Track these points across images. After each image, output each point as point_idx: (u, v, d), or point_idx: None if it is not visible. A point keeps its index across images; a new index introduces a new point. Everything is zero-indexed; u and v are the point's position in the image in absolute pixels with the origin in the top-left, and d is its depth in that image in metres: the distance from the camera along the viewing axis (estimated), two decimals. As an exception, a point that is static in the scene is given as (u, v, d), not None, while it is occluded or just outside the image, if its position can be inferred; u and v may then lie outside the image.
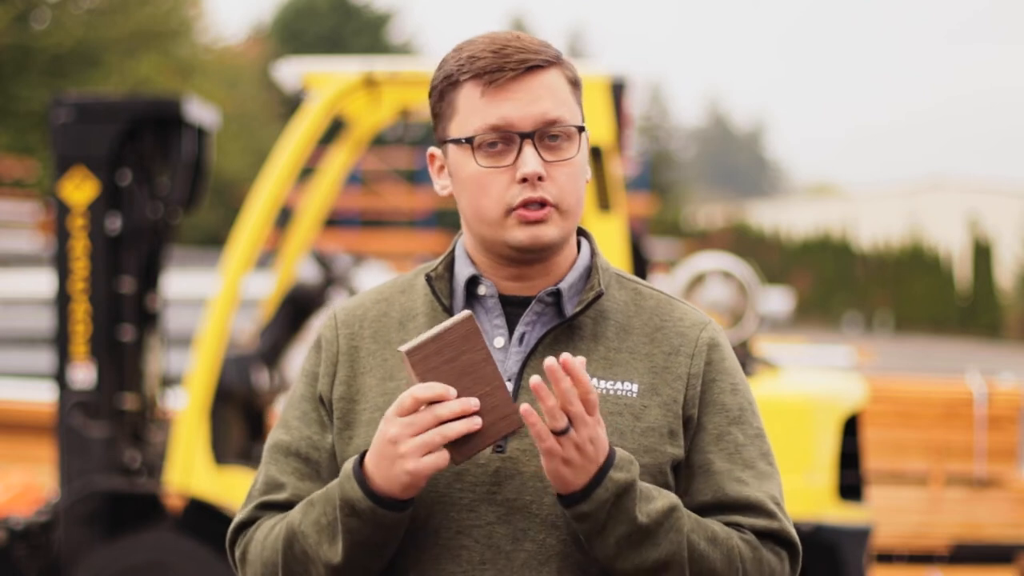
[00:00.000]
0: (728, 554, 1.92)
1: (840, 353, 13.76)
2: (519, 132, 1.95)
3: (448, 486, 1.94)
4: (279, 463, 2.04)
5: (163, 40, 26.90)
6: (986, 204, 41.53)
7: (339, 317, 2.09)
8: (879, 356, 18.54)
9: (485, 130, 1.95)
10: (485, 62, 1.95)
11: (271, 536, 1.99)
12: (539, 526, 1.93)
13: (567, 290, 2.02)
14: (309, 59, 6.33)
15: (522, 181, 1.94)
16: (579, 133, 1.99)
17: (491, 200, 1.96)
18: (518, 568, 1.93)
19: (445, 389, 1.84)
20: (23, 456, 7.39)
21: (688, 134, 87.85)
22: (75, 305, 5.50)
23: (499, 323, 2.01)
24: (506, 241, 1.97)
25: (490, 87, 1.94)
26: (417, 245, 18.70)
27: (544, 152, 1.96)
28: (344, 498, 1.89)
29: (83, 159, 5.49)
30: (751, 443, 2.01)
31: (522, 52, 1.95)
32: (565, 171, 1.97)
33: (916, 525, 6.67)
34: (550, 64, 1.97)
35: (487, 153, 1.96)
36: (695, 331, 2.03)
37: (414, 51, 45.10)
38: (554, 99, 1.96)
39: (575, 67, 2.04)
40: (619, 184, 5.60)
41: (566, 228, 1.98)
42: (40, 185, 21.72)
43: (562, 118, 1.97)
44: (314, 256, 6.30)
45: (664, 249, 25.55)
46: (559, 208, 1.96)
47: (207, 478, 5.25)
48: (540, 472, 1.93)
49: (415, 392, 1.84)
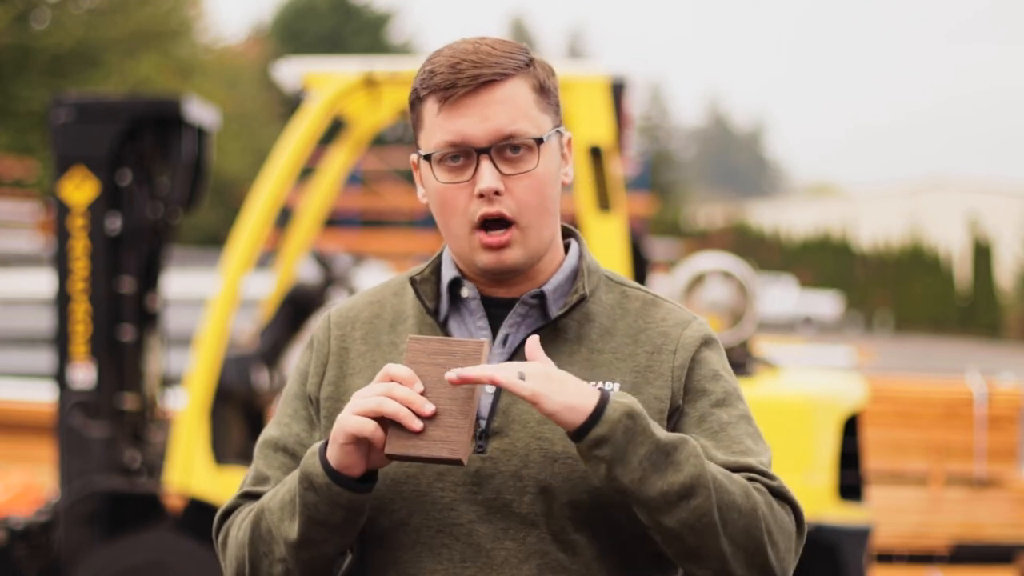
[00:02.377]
0: (745, 491, 1.91)
1: (840, 353, 13.77)
2: (475, 148, 1.95)
3: (429, 485, 1.96)
4: (268, 458, 2.08)
5: (163, 40, 26.92)
6: (986, 204, 41.56)
7: (332, 318, 2.12)
8: (879, 356, 18.54)
9: (443, 146, 1.96)
10: (440, 78, 1.95)
11: (246, 520, 2.02)
12: (519, 525, 1.94)
13: (551, 292, 2.03)
14: (309, 59, 6.32)
15: (479, 196, 1.96)
16: (538, 145, 1.98)
17: (455, 216, 1.98)
18: (498, 566, 1.94)
19: (412, 377, 1.86)
20: (23, 456, 7.39)
21: (688, 134, 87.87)
22: (75, 305, 5.50)
23: (482, 325, 2.03)
24: (474, 261, 2.00)
25: (445, 104, 1.95)
26: (417, 245, 18.70)
27: (503, 165, 1.96)
28: (304, 471, 1.91)
29: (83, 159, 5.49)
30: (736, 422, 2.00)
31: (477, 67, 1.94)
32: (525, 183, 1.97)
33: (916, 525, 6.67)
34: (507, 76, 1.96)
35: (448, 168, 1.97)
36: (677, 329, 2.03)
37: (414, 51, 45.10)
38: (511, 112, 1.96)
39: (548, 71, 2.02)
40: (619, 184, 5.60)
41: (532, 245, 1.99)
42: (40, 185, 21.74)
43: (519, 131, 1.96)
44: (314, 256, 6.30)
45: (664, 249, 25.57)
46: (519, 224, 1.97)
47: (207, 478, 5.25)
48: (520, 472, 1.94)
49: (387, 367, 1.88)
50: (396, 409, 1.84)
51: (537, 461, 1.95)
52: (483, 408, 1.98)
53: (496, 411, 1.97)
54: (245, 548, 2.00)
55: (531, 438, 1.95)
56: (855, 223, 42.62)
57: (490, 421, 1.97)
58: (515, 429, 1.96)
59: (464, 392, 1.86)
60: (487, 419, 1.97)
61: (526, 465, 1.95)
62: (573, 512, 1.94)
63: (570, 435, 1.87)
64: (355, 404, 1.87)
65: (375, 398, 1.85)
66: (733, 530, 1.89)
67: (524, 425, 1.96)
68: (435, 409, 1.85)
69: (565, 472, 1.94)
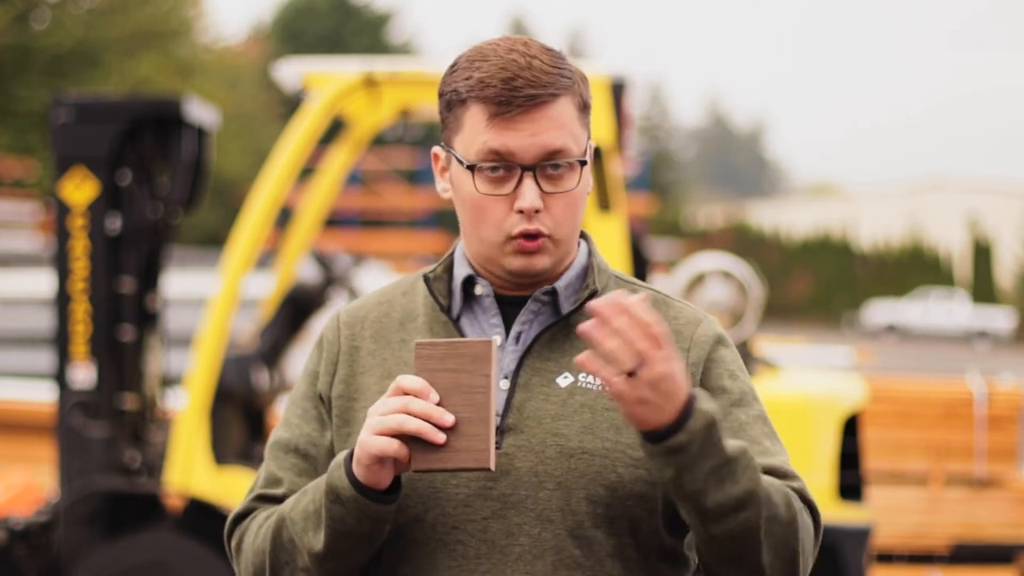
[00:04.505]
0: (787, 501, 1.93)
1: (840, 353, 13.77)
2: (520, 164, 1.95)
3: (444, 482, 1.96)
4: (279, 459, 2.08)
5: (163, 40, 26.92)
6: (986, 204, 41.56)
7: (342, 318, 2.12)
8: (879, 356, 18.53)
9: (486, 156, 1.95)
10: (494, 91, 1.93)
11: (265, 525, 2.02)
12: (534, 521, 1.94)
13: (563, 289, 2.03)
14: (309, 59, 6.32)
15: (519, 212, 1.96)
16: (581, 167, 1.98)
17: (490, 227, 1.98)
18: (513, 562, 1.94)
19: (426, 388, 1.85)
20: (23, 456, 7.39)
21: (688, 134, 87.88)
22: (75, 305, 5.50)
23: (496, 322, 2.03)
24: (503, 266, 1.99)
25: (497, 118, 1.94)
26: (417, 245, 18.71)
27: (544, 183, 1.96)
28: (330, 484, 1.91)
29: (83, 159, 5.49)
30: (754, 423, 2.02)
31: (532, 85, 1.94)
32: (563, 202, 1.97)
33: (916, 525, 6.67)
34: (558, 96, 1.96)
35: (487, 179, 1.96)
36: (690, 328, 2.04)
37: (414, 51, 45.12)
38: (559, 131, 1.96)
39: (585, 82, 2.02)
40: (619, 184, 5.60)
41: (558, 255, 2.00)
42: (40, 185, 21.74)
43: (565, 150, 1.96)
44: (314, 256, 6.29)
45: (664, 249, 25.56)
46: (552, 238, 1.98)
47: (207, 478, 5.25)
48: (536, 468, 1.95)
49: (399, 379, 1.87)
50: (418, 426, 1.83)
51: (553, 457, 1.95)
52: (497, 404, 1.98)
53: (511, 407, 1.98)
54: (265, 555, 2.00)
55: (547, 434, 1.96)
56: (855, 223, 42.62)
57: (504, 417, 1.97)
58: (530, 425, 1.96)
59: (480, 396, 1.85)
60: (501, 415, 1.97)
61: (542, 461, 1.95)
62: (590, 508, 1.95)
63: (644, 433, 1.84)
64: (374, 423, 1.86)
65: (394, 416, 1.84)
66: (774, 541, 1.90)
67: (539, 421, 1.96)
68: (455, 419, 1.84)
69: (582, 468, 1.94)
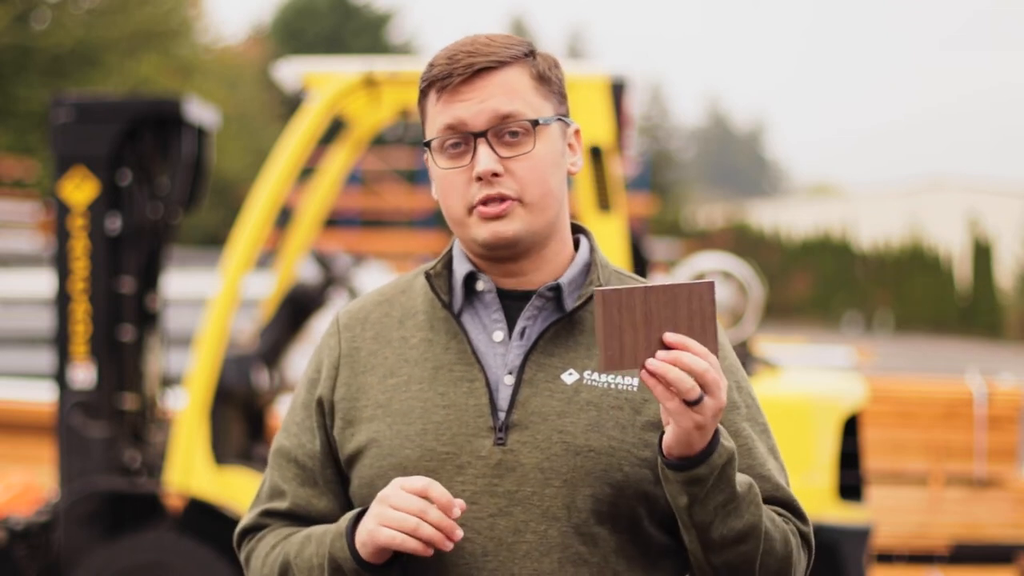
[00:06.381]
0: (784, 538, 1.98)
1: (840, 353, 13.75)
2: (472, 132, 1.99)
3: (450, 479, 1.97)
4: (282, 468, 2.12)
5: (163, 40, 26.90)
6: (986, 204, 41.51)
7: (341, 321, 2.14)
8: (879, 356, 18.52)
9: (441, 131, 2.00)
10: (438, 69, 2.01)
11: (270, 557, 2.07)
12: (540, 518, 1.96)
13: (567, 285, 2.05)
14: (309, 59, 6.32)
15: (478, 179, 1.99)
16: (534, 127, 2.00)
17: (454, 200, 2.01)
18: (520, 559, 1.96)
19: (452, 503, 1.89)
20: (23, 456, 7.39)
21: (688, 134, 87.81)
22: (75, 305, 5.50)
23: (498, 318, 2.04)
24: (473, 238, 2.02)
25: (443, 92, 2.00)
26: (417, 245, 18.69)
27: (501, 148, 1.99)
28: (332, 554, 1.96)
29: (83, 159, 5.49)
30: (759, 439, 2.05)
31: (472, 56, 1.99)
32: (526, 164, 2.00)
33: (916, 525, 6.66)
34: (504, 64, 2.00)
35: (448, 155, 2.01)
36: None
37: (414, 51, 45.10)
38: (508, 96, 1.99)
39: (550, 62, 2.06)
40: (619, 184, 5.60)
41: (533, 221, 2.01)
42: (40, 185, 21.71)
43: (516, 112, 1.99)
44: (314, 256, 6.30)
45: (664, 249, 25.53)
46: (522, 201, 1.99)
47: (207, 478, 5.25)
48: (542, 465, 1.96)
49: (431, 485, 1.89)
50: (431, 535, 1.87)
51: (559, 454, 1.96)
52: (502, 400, 1.99)
53: (515, 404, 1.99)
54: None
55: (552, 431, 1.97)
56: (855, 223, 42.57)
57: (510, 413, 1.98)
58: (535, 422, 1.98)
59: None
60: (506, 412, 1.98)
61: (548, 458, 1.96)
62: (596, 505, 1.96)
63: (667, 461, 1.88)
64: (389, 517, 1.89)
65: (411, 519, 1.87)
66: (766, 573, 1.96)
67: (544, 418, 1.98)
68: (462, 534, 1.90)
69: (588, 466, 1.96)
